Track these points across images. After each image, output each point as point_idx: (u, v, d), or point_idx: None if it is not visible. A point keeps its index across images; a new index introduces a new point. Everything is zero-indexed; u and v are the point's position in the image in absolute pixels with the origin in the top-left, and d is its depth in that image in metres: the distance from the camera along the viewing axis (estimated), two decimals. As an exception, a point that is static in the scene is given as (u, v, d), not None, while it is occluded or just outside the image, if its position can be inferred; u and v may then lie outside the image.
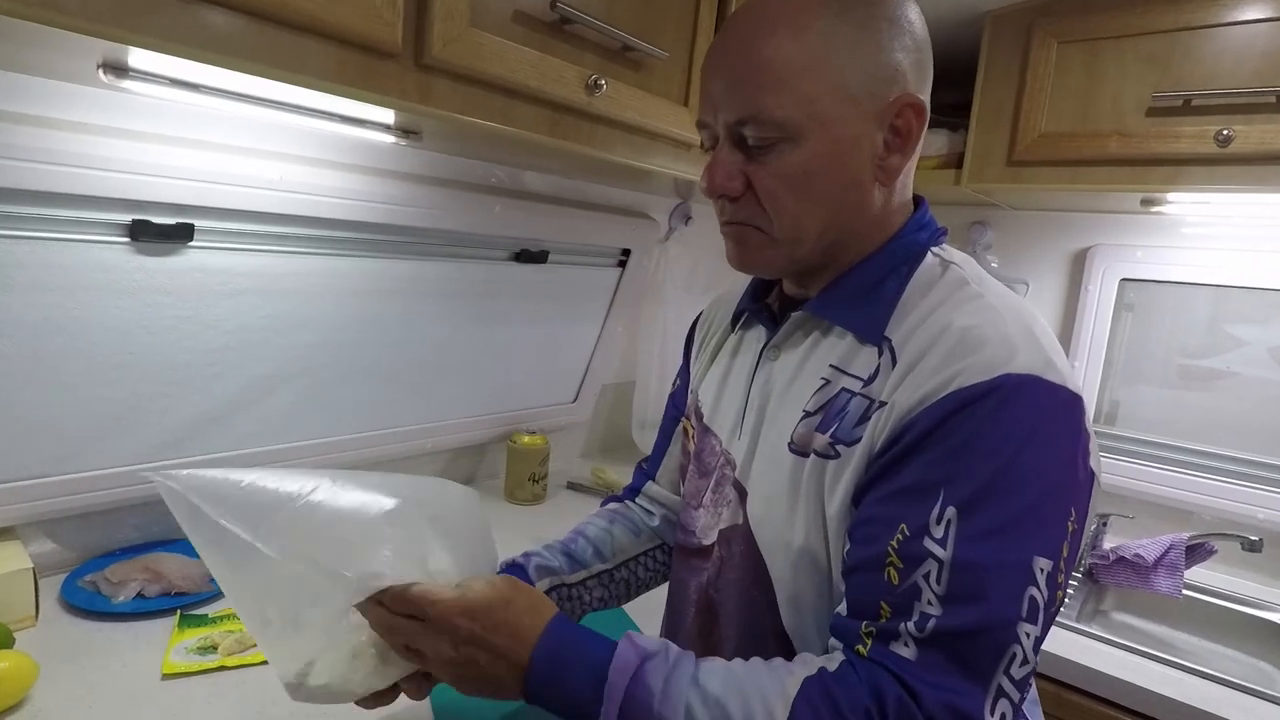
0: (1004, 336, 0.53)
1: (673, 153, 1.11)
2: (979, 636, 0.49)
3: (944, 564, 0.49)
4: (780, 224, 0.59)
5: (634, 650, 0.54)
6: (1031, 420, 0.51)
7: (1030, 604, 0.49)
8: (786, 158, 0.57)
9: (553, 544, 0.81)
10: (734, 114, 0.58)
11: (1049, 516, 0.50)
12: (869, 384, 0.57)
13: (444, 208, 1.17)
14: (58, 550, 1.00)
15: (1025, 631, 0.49)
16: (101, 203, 0.86)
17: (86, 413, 0.95)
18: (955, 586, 0.49)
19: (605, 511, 0.88)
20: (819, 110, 0.56)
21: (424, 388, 1.34)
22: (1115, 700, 1.06)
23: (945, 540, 0.49)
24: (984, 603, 0.49)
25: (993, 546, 0.49)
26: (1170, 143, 1.17)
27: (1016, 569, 0.49)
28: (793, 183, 0.58)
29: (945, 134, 1.44)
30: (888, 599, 0.51)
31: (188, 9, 0.61)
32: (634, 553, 0.84)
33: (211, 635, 0.88)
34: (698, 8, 1.07)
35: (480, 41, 0.80)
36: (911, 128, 0.58)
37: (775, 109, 0.56)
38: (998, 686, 0.48)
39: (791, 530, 0.61)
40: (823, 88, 0.55)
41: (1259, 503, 1.40)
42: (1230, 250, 1.43)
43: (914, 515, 0.51)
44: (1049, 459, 0.51)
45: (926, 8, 0.62)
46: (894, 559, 0.51)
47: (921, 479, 0.51)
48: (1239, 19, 1.12)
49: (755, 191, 0.59)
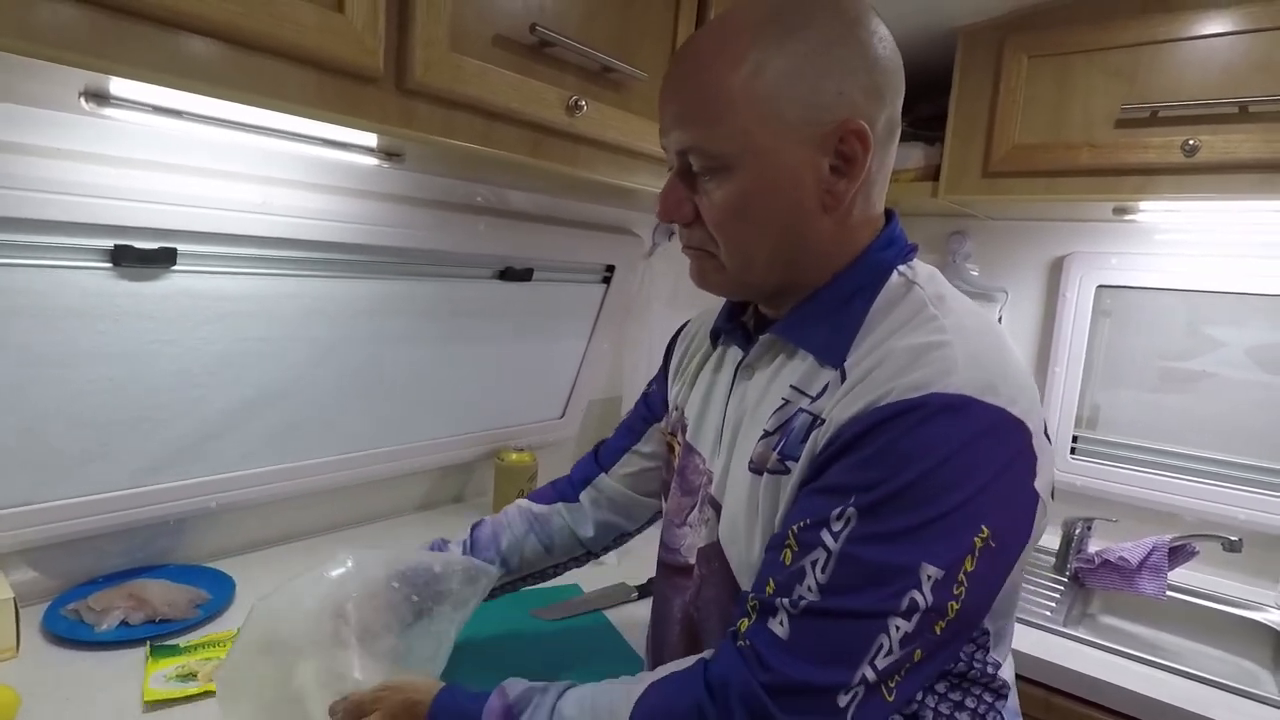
0: (944, 358, 0.54)
1: (655, 170, 1.12)
2: (847, 623, 0.51)
3: (832, 554, 0.52)
4: (726, 251, 0.61)
5: (500, 700, 0.60)
6: (954, 439, 0.51)
7: (909, 604, 0.50)
8: (726, 187, 0.59)
9: (466, 540, 0.87)
10: (677, 144, 0.60)
11: (950, 529, 0.51)
12: (815, 400, 0.59)
13: (428, 228, 1.17)
14: (39, 579, 0.99)
15: (895, 624, 0.51)
16: (83, 229, 0.85)
17: (68, 439, 0.94)
18: (837, 576, 0.52)
19: (526, 515, 0.90)
20: (753, 142, 0.57)
21: (410, 407, 1.34)
22: (1103, 703, 1.07)
23: (839, 535, 0.52)
24: (859, 595, 0.51)
25: (881, 549, 0.51)
26: (1139, 153, 1.20)
27: (899, 571, 0.51)
28: (732, 211, 0.59)
29: (922, 147, 1.47)
30: (776, 576, 0.54)
31: (168, 37, 0.62)
32: (540, 567, 0.89)
33: (188, 664, 0.87)
34: (675, 28, 1.09)
35: (461, 65, 0.81)
36: (857, 153, 0.57)
37: (710, 141, 0.58)
38: (861, 675, 0.50)
39: (752, 548, 0.62)
40: (755, 119, 0.56)
41: (1239, 503, 1.42)
42: (1202, 256, 1.47)
43: (820, 509, 0.54)
44: (965, 479, 0.51)
45: (898, 22, 0.63)
46: (791, 542, 0.54)
47: (837, 481, 0.54)
48: (1201, 33, 1.16)
49: (702, 219, 0.61)
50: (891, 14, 0.63)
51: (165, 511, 1.06)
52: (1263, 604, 1.37)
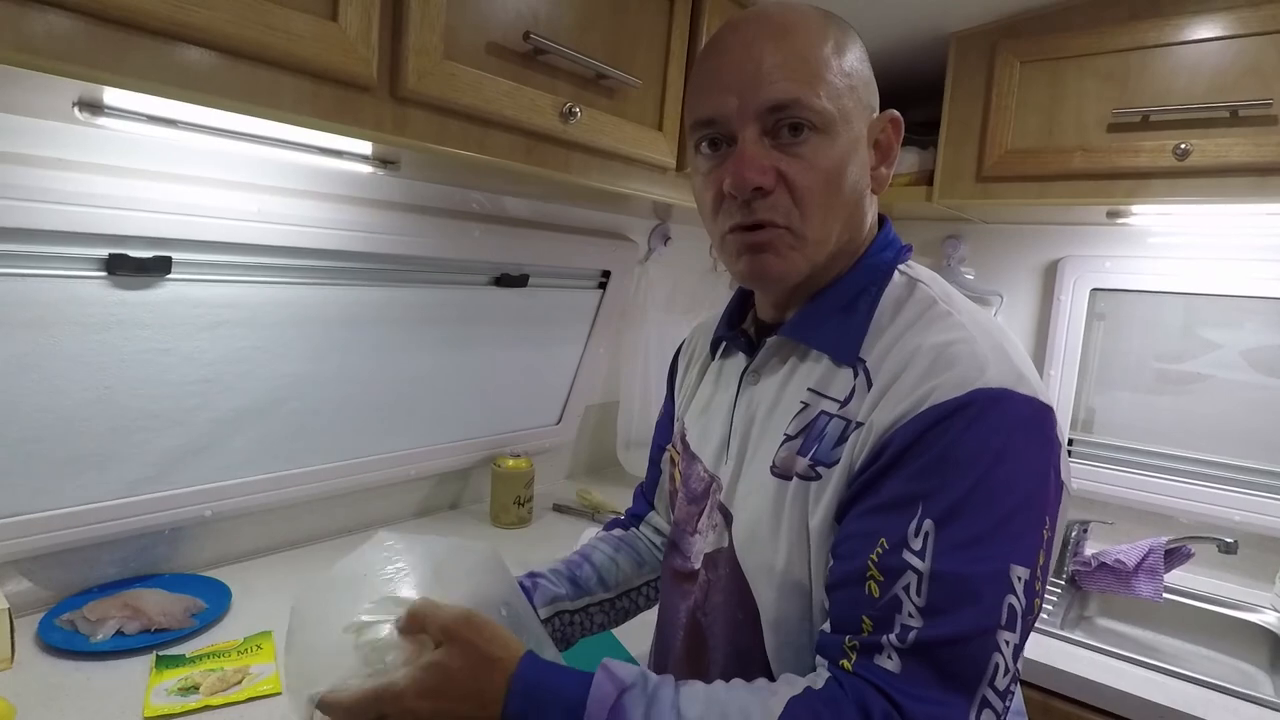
0: (975, 353, 0.54)
1: (649, 176, 1.12)
2: (960, 646, 0.49)
3: (923, 576, 0.50)
4: (813, 221, 0.58)
5: (611, 682, 0.52)
6: (1005, 433, 0.52)
7: (1009, 612, 0.49)
8: (823, 150, 0.57)
9: (558, 567, 0.80)
10: (770, 99, 0.56)
11: (1024, 526, 0.51)
12: (845, 405, 0.58)
13: (423, 234, 1.18)
14: (34, 589, 0.99)
15: (1005, 640, 0.49)
16: (78, 238, 0.86)
17: (63, 448, 0.94)
18: (935, 598, 0.49)
19: (611, 538, 0.88)
20: (844, 107, 0.58)
21: (406, 414, 1.34)
22: (1100, 706, 1.07)
23: (924, 552, 0.50)
24: (964, 612, 0.49)
25: (970, 557, 0.50)
26: (1131, 157, 1.21)
27: (994, 579, 0.50)
28: (827, 177, 0.57)
29: (916, 151, 1.47)
30: (869, 612, 0.51)
31: (162, 47, 0.62)
32: (637, 583, 0.85)
33: (191, 675, 0.86)
34: (669, 36, 1.09)
35: (455, 73, 0.82)
36: (893, 142, 0.62)
37: (816, 97, 0.56)
38: (982, 698, 0.49)
39: (775, 554, 0.61)
40: (846, 89, 0.58)
41: (1235, 505, 1.42)
42: (1195, 259, 1.47)
43: (893, 529, 0.51)
44: (1023, 470, 0.52)
45: (892, 28, 0.65)
46: (874, 573, 0.51)
47: (900, 494, 0.52)
48: (1191, 38, 1.16)
49: (788, 185, 0.57)
50: (885, 20, 0.65)
51: (160, 520, 1.06)
52: (1259, 605, 1.37)
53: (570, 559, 0.83)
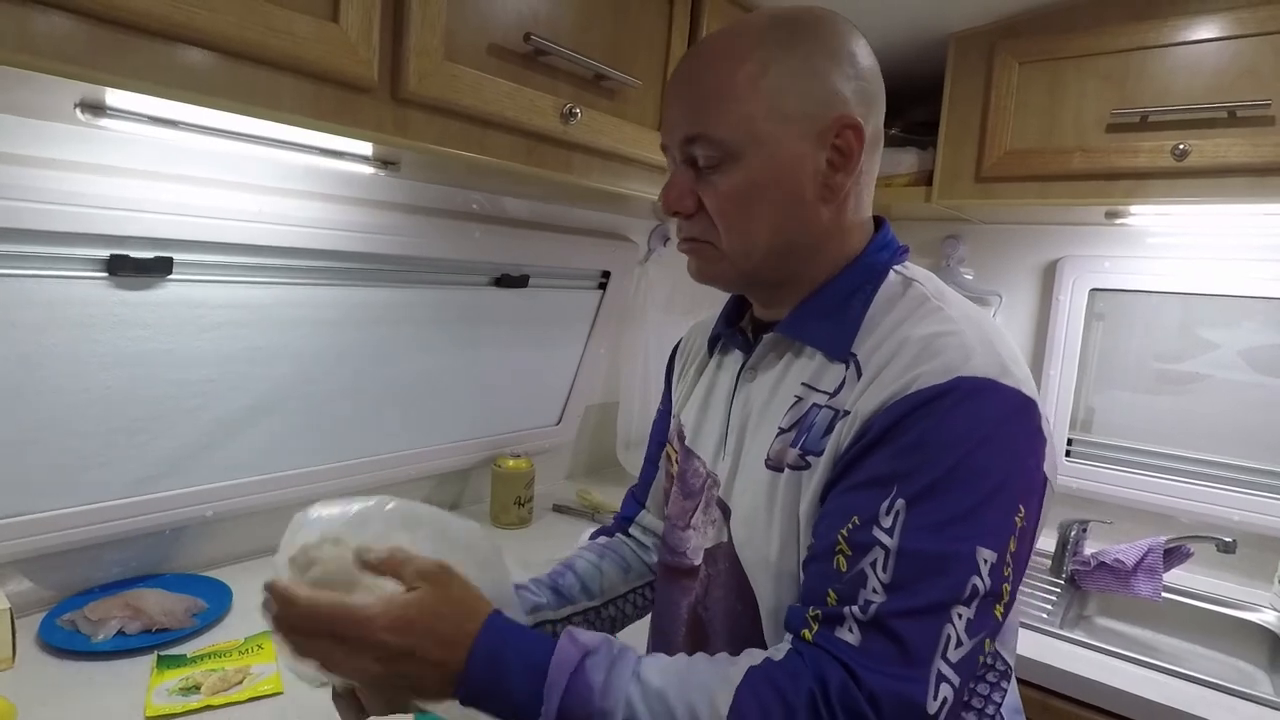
0: (962, 344, 0.55)
1: (649, 177, 1.13)
2: (916, 619, 0.50)
3: (890, 552, 0.51)
4: (728, 238, 0.63)
5: (574, 646, 0.54)
6: (985, 420, 0.53)
7: (971, 591, 0.51)
8: (730, 175, 0.61)
9: (540, 577, 0.80)
10: (683, 133, 0.62)
11: (996, 511, 0.52)
12: (834, 396, 0.60)
13: (423, 235, 1.18)
14: (35, 589, 0.99)
15: (958, 613, 0.50)
16: (80, 238, 0.86)
17: (64, 449, 0.94)
18: (900, 573, 0.51)
19: (596, 545, 0.87)
20: (757, 131, 0.59)
21: (407, 414, 1.34)
22: (1099, 705, 1.07)
23: (893, 530, 0.51)
24: (925, 587, 0.50)
25: (938, 536, 0.51)
26: (1130, 158, 1.21)
27: (959, 558, 0.51)
28: (736, 198, 0.61)
29: (915, 152, 1.48)
30: (835, 586, 0.53)
31: (163, 49, 0.62)
32: (623, 590, 0.84)
33: (193, 675, 0.86)
34: (669, 37, 1.10)
35: (455, 74, 0.82)
36: (852, 147, 0.61)
37: (717, 129, 0.60)
38: (938, 670, 0.50)
39: (770, 546, 0.62)
40: (760, 110, 0.59)
41: (1234, 504, 1.43)
42: (1194, 259, 1.48)
43: (865, 506, 0.53)
44: (999, 457, 0.53)
45: (891, 29, 0.64)
46: (843, 547, 0.53)
47: (877, 473, 0.53)
48: (1190, 39, 1.17)
49: (706, 209, 0.63)
50: (884, 21, 0.65)
51: (162, 521, 1.06)
52: (1257, 605, 1.37)
53: (553, 569, 0.82)
